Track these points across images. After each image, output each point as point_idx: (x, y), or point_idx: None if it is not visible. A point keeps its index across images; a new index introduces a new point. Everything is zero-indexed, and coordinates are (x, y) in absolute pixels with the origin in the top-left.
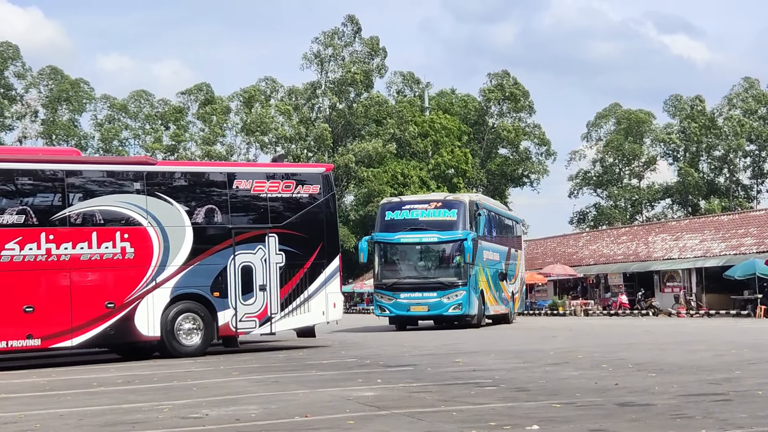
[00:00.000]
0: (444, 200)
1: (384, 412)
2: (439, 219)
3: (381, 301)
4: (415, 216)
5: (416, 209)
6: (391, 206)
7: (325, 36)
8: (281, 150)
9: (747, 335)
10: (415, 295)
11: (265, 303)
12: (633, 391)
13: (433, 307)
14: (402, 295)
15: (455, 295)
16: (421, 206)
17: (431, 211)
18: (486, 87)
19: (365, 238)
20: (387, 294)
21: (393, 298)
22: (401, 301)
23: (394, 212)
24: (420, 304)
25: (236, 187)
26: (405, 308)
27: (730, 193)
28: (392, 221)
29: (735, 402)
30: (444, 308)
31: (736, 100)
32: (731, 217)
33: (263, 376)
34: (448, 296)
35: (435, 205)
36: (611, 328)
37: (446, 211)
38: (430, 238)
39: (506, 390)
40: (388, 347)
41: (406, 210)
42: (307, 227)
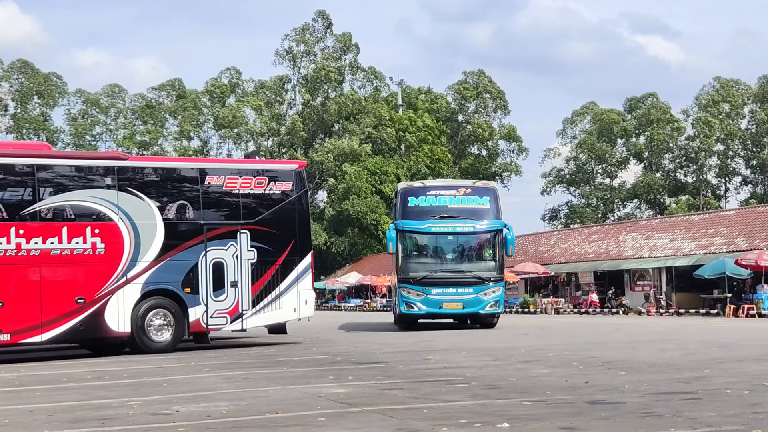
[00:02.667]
0: (473, 186)
1: (355, 409)
2: (471, 207)
3: (408, 297)
4: (443, 203)
5: (443, 195)
6: (414, 191)
7: (296, 32)
8: (253, 146)
9: (716, 334)
10: (449, 290)
11: (237, 299)
12: (603, 389)
13: (469, 304)
14: (434, 290)
15: (493, 292)
16: (448, 192)
17: (461, 197)
18: (459, 85)
19: (392, 227)
20: (415, 289)
21: (423, 294)
22: (433, 297)
23: (418, 198)
24: (454, 301)
25: (208, 183)
26: (437, 305)
27: (700, 192)
28: (417, 208)
29: (704, 400)
30: (481, 305)
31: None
32: (701, 216)
33: (234, 372)
34: (485, 292)
35: (464, 191)
36: (582, 326)
37: (477, 198)
38: (465, 227)
39: (477, 387)
40: (360, 344)
41: (431, 196)
42: (279, 224)
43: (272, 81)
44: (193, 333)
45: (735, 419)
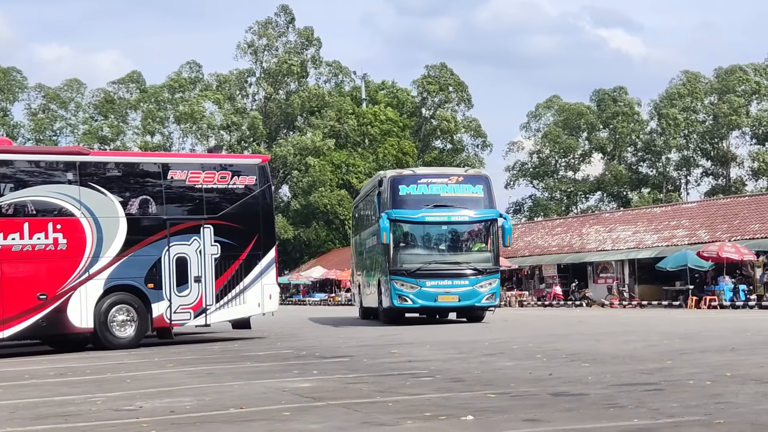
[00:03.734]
0: (465, 174)
1: (320, 403)
2: (465, 195)
3: (401, 290)
4: (435, 191)
5: (435, 183)
6: (404, 179)
7: (259, 26)
8: (214, 140)
9: (678, 326)
10: (444, 282)
11: (200, 294)
12: (567, 381)
13: (465, 296)
14: (428, 282)
15: (489, 284)
16: (440, 180)
17: (453, 186)
18: (423, 79)
19: (385, 216)
20: (409, 281)
21: (417, 286)
22: (427, 289)
23: (409, 186)
24: (450, 294)
25: (171, 178)
26: (432, 298)
27: (663, 186)
28: (408, 196)
29: (666, 391)
30: (478, 298)
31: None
32: (664, 209)
33: (198, 367)
34: (481, 284)
35: (456, 179)
36: (546, 319)
37: (470, 186)
38: (461, 216)
39: (442, 380)
40: (325, 338)
41: (423, 184)
42: (243, 218)
43: (234, 75)
44: (157, 328)
45: (697, 410)
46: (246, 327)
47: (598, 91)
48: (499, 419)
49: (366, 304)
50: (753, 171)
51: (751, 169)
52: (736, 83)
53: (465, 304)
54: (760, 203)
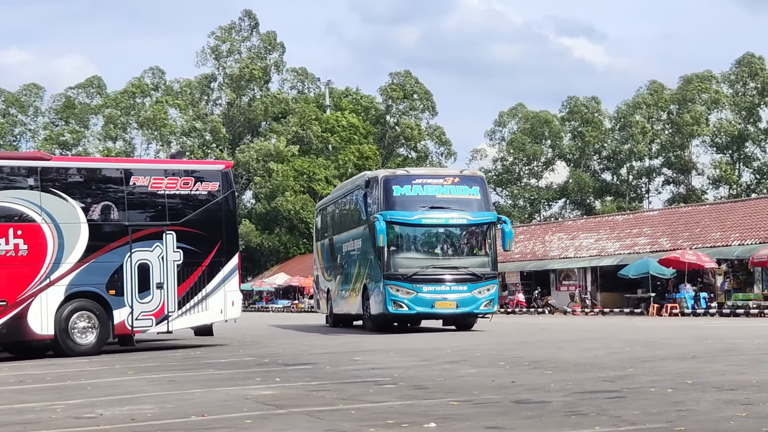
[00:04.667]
0: (461, 175)
1: (282, 411)
2: (461, 197)
3: (396, 296)
4: (430, 192)
5: (430, 184)
6: (398, 180)
7: (222, 30)
8: (177, 146)
9: (640, 333)
10: (442, 288)
11: (162, 301)
12: (529, 388)
13: (463, 303)
14: (425, 288)
15: (487, 289)
16: (435, 181)
17: (449, 187)
18: (387, 86)
19: (381, 218)
20: (405, 287)
21: (413, 292)
22: (424, 295)
23: (404, 187)
24: (447, 300)
25: (133, 184)
26: (429, 304)
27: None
28: (403, 198)
29: (628, 399)
30: (476, 304)
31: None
32: (626, 217)
33: (159, 375)
34: (480, 290)
35: (451, 180)
36: (508, 326)
37: (467, 188)
38: (459, 219)
39: (404, 388)
40: (288, 346)
41: (417, 185)
42: (205, 225)
43: (197, 80)
44: (118, 335)
45: (659, 417)
46: (208, 334)
47: (570, 98)
48: (462, 427)
49: (339, 311)
50: (713, 179)
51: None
52: (696, 93)
53: (463, 311)
54: (720, 212)
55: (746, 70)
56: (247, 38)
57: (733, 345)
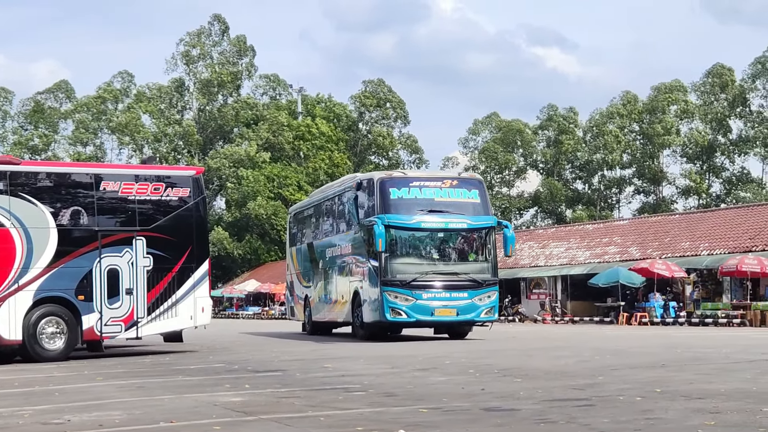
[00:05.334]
0: (459, 178)
1: (251, 417)
2: (460, 200)
3: (395, 303)
4: (428, 195)
5: (428, 187)
6: (395, 182)
7: (191, 36)
8: (149, 151)
9: (610, 342)
10: (442, 295)
11: (132, 307)
12: (499, 396)
13: (464, 310)
14: (425, 295)
15: (488, 296)
16: (433, 184)
17: (447, 190)
18: (360, 94)
19: (379, 222)
20: (403, 293)
21: (412, 299)
22: (424, 302)
23: (401, 190)
24: (448, 307)
25: (103, 189)
26: (429, 312)
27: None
28: (400, 201)
29: (597, 407)
30: (476, 312)
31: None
32: (596, 226)
33: (128, 381)
34: (480, 297)
35: (450, 183)
36: (479, 333)
37: (465, 191)
38: (459, 223)
39: (374, 395)
40: (257, 352)
41: (415, 188)
42: (176, 230)
43: (168, 85)
44: (87, 341)
45: (627, 425)
46: (178, 340)
47: (550, 107)
48: None
49: (321, 319)
50: (683, 189)
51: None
52: (666, 103)
53: (463, 319)
54: (690, 221)
55: (716, 81)
56: (218, 43)
57: (702, 354)
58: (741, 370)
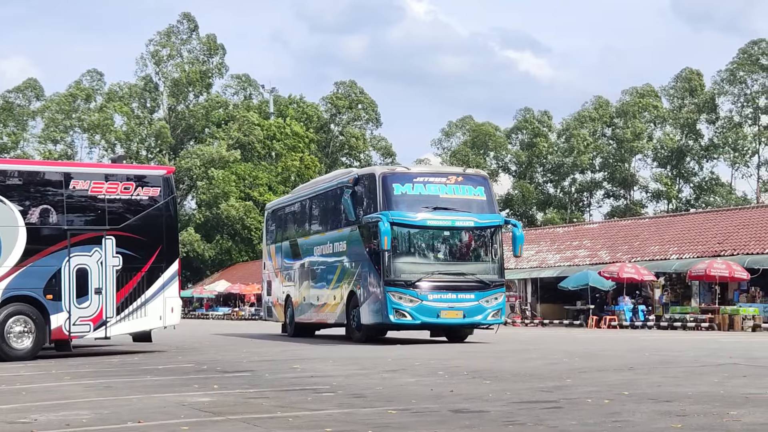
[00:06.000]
0: (464, 174)
1: (219, 418)
2: (466, 197)
3: (399, 304)
4: (433, 192)
5: (432, 183)
6: (398, 177)
7: (161, 35)
8: (121, 150)
9: (579, 344)
10: (448, 296)
11: (101, 306)
12: (467, 398)
13: (470, 312)
14: (430, 296)
15: (495, 298)
16: (438, 180)
17: (452, 186)
18: (332, 95)
19: (384, 219)
20: (408, 294)
21: (417, 300)
22: (429, 304)
23: (404, 186)
24: (454, 309)
25: (73, 188)
26: (434, 314)
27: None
28: (404, 197)
29: (565, 409)
30: (483, 314)
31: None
32: (566, 229)
33: (96, 380)
34: (487, 299)
35: (455, 179)
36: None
37: (471, 188)
38: (466, 221)
39: (343, 396)
40: (226, 353)
41: (419, 184)
42: (146, 230)
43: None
44: (55, 340)
45: (595, 428)
46: (147, 340)
47: (525, 110)
48: None
49: (306, 320)
50: (654, 193)
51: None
52: (637, 108)
53: (470, 321)
54: (659, 225)
55: (685, 86)
56: (187, 41)
57: (670, 357)
58: (709, 373)
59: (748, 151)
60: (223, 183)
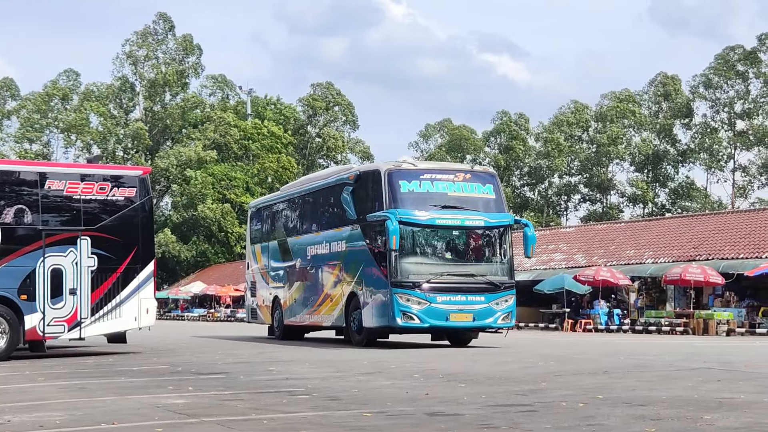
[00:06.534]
0: (473, 171)
1: (194, 420)
2: (475, 195)
3: (407, 306)
4: (441, 189)
5: (440, 180)
6: (404, 174)
7: (137, 36)
8: (98, 150)
9: (554, 348)
10: (458, 298)
11: (75, 307)
12: (443, 401)
13: (480, 315)
14: (439, 298)
15: (505, 301)
16: (446, 177)
17: (461, 184)
18: (309, 97)
19: (393, 217)
20: (416, 296)
21: (425, 302)
22: (438, 306)
23: (411, 183)
24: (464, 312)
25: (48, 188)
26: (443, 317)
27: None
28: (411, 194)
29: (540, 413)
30: (494, 318)
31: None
32: (542, 232)
33: (70, 382)
34: (497, 301)
35: (463, 176)
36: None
37: (480, 185)
38: (476, 220)
39: (318, 399)
40: (201, 354)
41: (426, 180)
42: (121, 231)
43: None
44: (29, 341)
45: (569, 431)
46: (121, 341)
47: (502, 113)
48: None
49: (297, 322)
50: (630, 198)
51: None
52: (614, 113)
53: (479, 324)
54: (635, 229)
55: (660, 90)
56: (163, 41)
57: (645, 361)
58: (683, 377)
59: (723, 156)
60: (201, 184)
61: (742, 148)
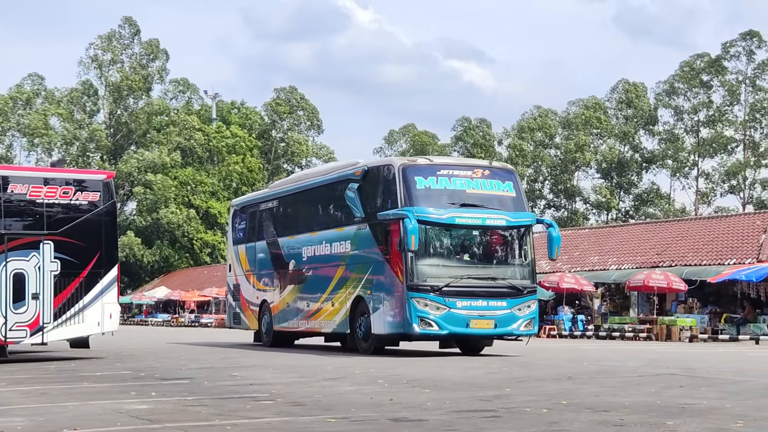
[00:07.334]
0: (491, 167)
1: (156, 425)
2: (494, 193)
3: (424, 312)
4: (459, 186)
5: (458, 177)
6: (420, 169)
7: (102, 39)
8: (59, 154)
9: (518, 353)
10: (479, 303)
11: (38, 312)
12: (407, 406)
13: (502, 322)
14: (459, 303)
15: (528, 306)
16: (463, 173)
17: (479, 180)
18: (273, 101)
19: (411, 216)
20: (435, 301)
21: (444, 307)
22: (458, 312)
23: (428, 179)
24: (485, 318)
25: (11, 191)
26: (463, 323)
27: None
28: (428, 191)
29: (504, 418)
30: (516, 324)
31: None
32: None
33: (32, 387)
34: (520, 307)
35: (481, 172)
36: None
37: (499, 182)
38: (497, 220)
39: (282, 404)
40: (165, 360)
41: (443, 177)
42: (84, 235)
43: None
44: None
45: None
46: (84, 346)
47: (463, 119)
48: None
49: (290, 328)
50: (595, 204)
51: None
52: (579, 121)
53: (501, 332)
54: (599, 236)
55: (623, 98)
56: (128, 46)
57: (608, 367)
58: (646, 383)
59: (687, 162)
60: (163, 188)
61: (704, 155)
